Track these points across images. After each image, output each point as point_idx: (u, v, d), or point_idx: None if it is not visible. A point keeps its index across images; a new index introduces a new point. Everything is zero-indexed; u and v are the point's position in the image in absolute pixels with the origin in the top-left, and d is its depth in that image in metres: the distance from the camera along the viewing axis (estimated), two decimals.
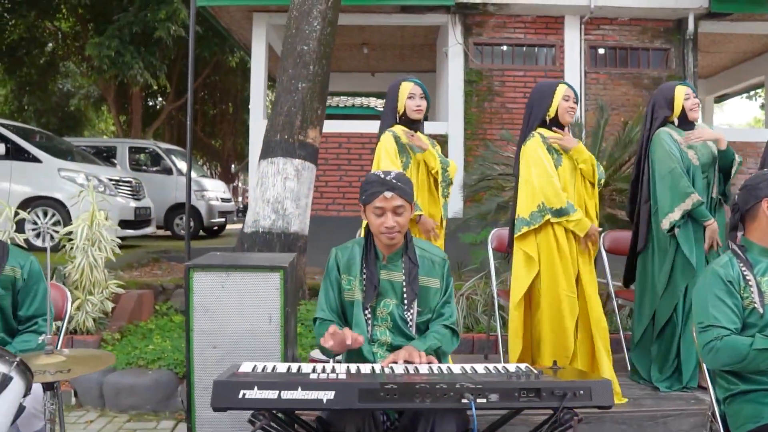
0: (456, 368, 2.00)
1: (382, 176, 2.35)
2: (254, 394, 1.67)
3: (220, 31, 10.08)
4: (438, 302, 2.41)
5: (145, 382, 4.07)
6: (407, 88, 3.52)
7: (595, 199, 3.50)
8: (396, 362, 2.10)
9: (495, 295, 4.14)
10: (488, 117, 8.68)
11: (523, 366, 2.09)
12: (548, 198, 3.27)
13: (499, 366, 2.06)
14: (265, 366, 1.94)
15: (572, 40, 8.64)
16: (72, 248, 4.38)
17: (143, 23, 11.73)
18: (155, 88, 16.90)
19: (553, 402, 1.78)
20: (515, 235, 3.37)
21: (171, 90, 16.61)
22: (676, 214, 3.51)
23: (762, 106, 20.09)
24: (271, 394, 1.67)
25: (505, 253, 3.72)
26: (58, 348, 2.53)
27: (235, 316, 2.97)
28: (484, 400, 1.74)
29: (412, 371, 1.96)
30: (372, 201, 2.31)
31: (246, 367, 1.91)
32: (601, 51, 8.89)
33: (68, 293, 2.63)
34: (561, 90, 3.42)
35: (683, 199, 3.49)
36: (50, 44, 16.23)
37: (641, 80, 8.82)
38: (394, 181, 2.32)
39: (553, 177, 3.28)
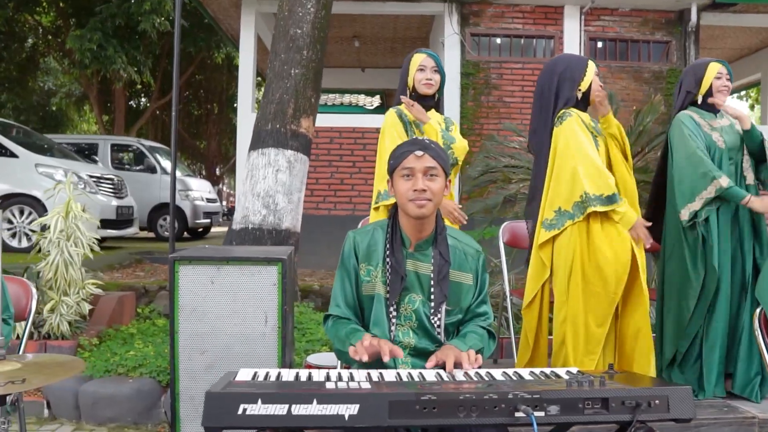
0: (497, 374, 1.67)
1: (413, 138, 2.07)
2: (258, 409, 1.32)
3: (207, 23, 9.72)
4: (471, 301, 2.07)
5: (124, 391, 3.70)
6: (418, 59, 3.16)
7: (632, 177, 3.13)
8: (441, 364, 1.77)
9: (507, 294, 3.81)
10: (485, 111, 8.37)
11: (573, 370, 1.77)
12: (596, 184, 2.84)
13: (546, 371, 1.73)
14: (268, 373, 1.59)
15: (572, 31, 8.36)
16: (46, 243, 3.98)
17: (127, 15, 11.31)
18: (139, 86, 16.50)
19: (623, 415, 1.45)
20: (553, 232, 2.96)
21: (155, 88, 16.18)
22: (696, 204, 3.15)
23: (752, 107, 20.04)
24: (280, 409, 1.32)
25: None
26: (20, 353, 2.19)
27: (227, 316, 2.62)
28: (542, 414, 1.41)
29: (446, 378, 1.62)
30: (401, 162, 1.99)
31: (244, 374, 1.57)
32: (600, 44, 8.64)
33: (33, 289, 2.27)
34: (592, 66, 3.07)
35: (705, 186, 3.12)
36: (30, 39, 15.74)
37: (641, 74, 8.57)
38: (426, 141, 2.02)
39: (598, 160, 2.89)
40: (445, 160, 2.01)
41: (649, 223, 2.95)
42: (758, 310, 2.11)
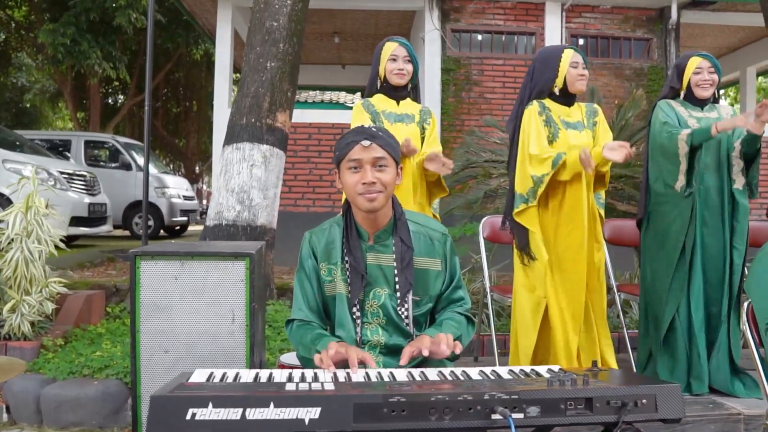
0: (474, 373, 1.55)
1: (359, 127, 1.90)
2: (208, 414, 1.19)
3: (184, 18, 9.53)
4: (443, 288, 1.94)
5: (89, 393, 3.53)
6: (390, 48, 3.06)
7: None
8: (418, 352, 1.66)
9: (488, 290, 3.73)
10: (466, 107, 8.30)
11: (555, 368, 1.66)
12: (537, 166, 2.91)
13: (526, 369, 1.63)
14: (225, 374, 1.46)
15: (553, 27, 8.33)
16: (4, 239, 3.80)
17: (101, 10, 11.07)
18: (116, 83, 16.22)
19: (608, 415, 1.35)
20: (514, 212, 3.00)
21: (132, 85, 15.91)
22: (681, 181, 3.14)
23: (731, 105, 20.24)
24: (233, 414, 1.20)
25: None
26: None
27: (191, 314, 2.49)
28: (521, 416, 1.30)
29: (419, 378, 1.51)
30: (347, 154, 1.84)
31: (199, 375, 1.44)
32: (582, 41, 8.61)
33: None
34: (567, 56, 2.99)
35: (676, 150, 3.10)
36: (2, 34, 15.40)
37: (623, 71, 8.55)
38: (373, 129, 1.87)
39: (541, 146, 2.92)
40: (394, 148, 1.88)
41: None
42: (746, 304, 2.02)
